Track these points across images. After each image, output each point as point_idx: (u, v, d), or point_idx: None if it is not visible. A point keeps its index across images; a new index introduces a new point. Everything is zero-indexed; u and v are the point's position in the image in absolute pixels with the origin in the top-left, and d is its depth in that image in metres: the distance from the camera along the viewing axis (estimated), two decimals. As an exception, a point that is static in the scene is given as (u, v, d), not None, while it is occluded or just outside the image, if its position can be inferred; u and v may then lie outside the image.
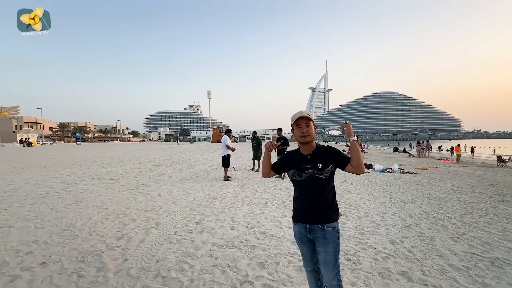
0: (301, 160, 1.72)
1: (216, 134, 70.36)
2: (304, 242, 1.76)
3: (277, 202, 5.45)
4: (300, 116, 1.70)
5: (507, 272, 2.67)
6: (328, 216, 1.68)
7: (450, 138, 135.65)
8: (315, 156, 1.70)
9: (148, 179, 8.17)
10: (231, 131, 8.73)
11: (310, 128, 1.70)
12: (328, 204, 1.69)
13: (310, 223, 1.69)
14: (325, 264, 1.67)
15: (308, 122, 1.70)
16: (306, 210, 1.71)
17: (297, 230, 1.77)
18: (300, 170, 1.70)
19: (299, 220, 1.75)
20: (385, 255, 3.01)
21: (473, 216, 4.68)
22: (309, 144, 1.73)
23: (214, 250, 3.07)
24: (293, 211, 1.83)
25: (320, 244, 1.67)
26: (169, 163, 13.17)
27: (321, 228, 1.67)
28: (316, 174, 1.66)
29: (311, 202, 1.69)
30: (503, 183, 8.65)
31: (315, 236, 1.69)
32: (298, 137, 1.72)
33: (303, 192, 1.71)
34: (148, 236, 3.48)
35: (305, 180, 1.69)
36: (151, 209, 4.75)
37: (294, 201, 1.82)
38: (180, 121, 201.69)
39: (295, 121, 1.72)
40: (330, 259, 1.65)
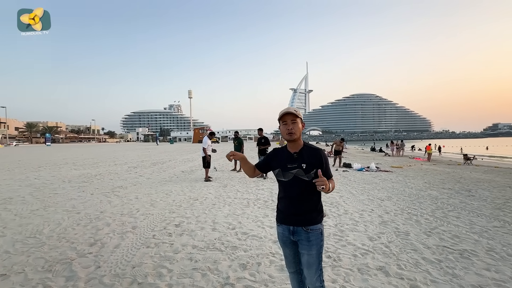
0: (287, 158, 1.67)
1: (197, 134, 69.26)
2: (287, 244, 1.72)
3: (259, 202, 5.43)
4: (287, 112, 1.64)
5: (474, 262, 2.84)
6: (312, 217, 1.64)
7: (422, 138, 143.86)
8: (301, 155, 1.65)
9: (125, 181, 7.82)
10: (214, 134, 8.61)
11: (296, 125, 1.64)
12: (312, 206, 1.65)
13: (294, 225, 1.65)
14: (308, 267, 1.64)
15: (294, 119, 1.64)
16: (290, 212, 1.66)
17: (280, 232, 1.73)
18: (285, 170, 1.65)
19: (283, 221, 1.71)
20: (364, 251, 3.09)
21: (443, 211, 4.95)
22: (295, 142, 1.67)
23: (194, 253, 2.98)
24: (276, 211, 1.78)
25: (304, 246, 1.64)
26: (147, 164, 12.73)
27: (305, 230, 1.63)
28: (300, 175, 1.61)
29: (295, 204, 1.65)
30: (469, 179, 9.29)
31: (299, 238, 1.65)
32: (284, 134, 1.66)
33: (287, 193, 1.67)
34: (124, 240, 3.31)
35: (290, 181, 1.64)
36: (127, 213, 4.53)
37: (278, 202, 1.77)
38: (159, 121, 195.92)
39: (281, 117, 1.66)
40: (313, 261, 1.63)
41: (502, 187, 7.76)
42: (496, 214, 4.75)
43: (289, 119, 1.65)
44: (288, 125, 1.64)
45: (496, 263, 2.83)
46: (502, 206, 5.41)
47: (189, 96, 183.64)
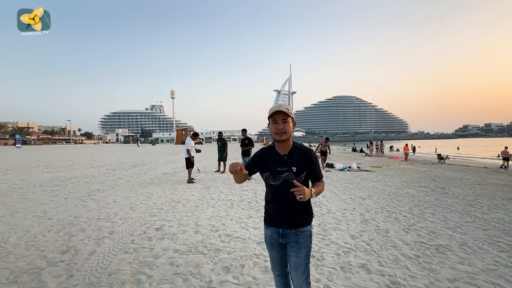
0: (277, 161, 1.58)
1: (180, 135, 67.92)
2: (274, 247, 1.67)
3: (243, 203, 5.38)
4: (277, 110, 1.53)
5: (449, 257, 2.97)
6: (302, 220, 1.60)
7: (399, 139, 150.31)
8: (291, 157, 1.57)
9: (103, 184, 7.47)
10: (198, 135, 8.42)
11: (287, 125, 1.54)
12: (302, 209, 1.60)
13: (284, 227, 1.60)
14: (296, 269, 1.60)
15: (285, 118, 1.54)
16: (279, 215, 1.60)
17: (268, 234, 1.67)
18: (275, 173, 1.57)
19: (272, 223, 1.64)
20: (346, 250, 3.13)
21: (420, 208, 5.16)
22: (285, 142, 1.58)
23: (176, 257, 2.87)
24: (265, 213, 1.72)
25: (292, 249, 1.59)
26: (127, 166, 12.26)
27: (295, 232, 1.58)
28: (290, 179, 1.54)
29: (284, 207, 1.59)
30: (443, 177, 9.79)
31: (288, 240, 1.61)
32: (273, 133, 1.57)
33: (276, 197, 1.60)
34: (100, 247, 3.13)
35: (279, 185, 1.56)
36: (104, 217, 4.31)
37: (266, 204, 1.70)
38: (140, 122, 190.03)
39: (271, 115, 1.55)
40: (301, 263, 1.59)
41: (472, 184, 8.25)
42: (467, 210, 5.02)
43: (280, 118, 1.55)
44: (279, 125, 1.54)
45: (468, 257, 2.98)
46: (473, 202, 5.73)
47: (172, 97, 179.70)
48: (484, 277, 2.53)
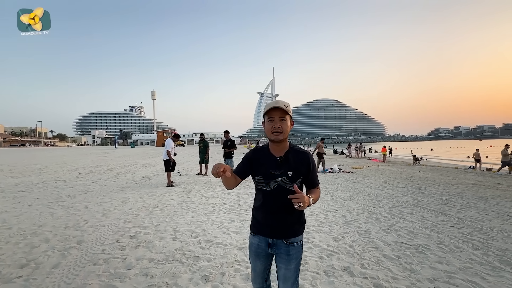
0: (271, 164, 1.42)
1: (161, 137, 65.98)
2: (260, 257, 1.52)
3: (225, 207, 5.22)
4: (275, 106, 1.36)
5: (428, 256, 3.01)
6: (294, 229, 1.46)
7: (377, 141, 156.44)
8: (287, 160, 1.42)
9: (74, 189, 6.97)
10: (179, 137, 8.13)
11: (284, 124, 1.38)
12: (295, 217, 1.46)
13: (274, 237, 1.46)
14: (285, 281, 1.47)
15: (283, 116, 1.38)
16: (270, 223, 1.46)
17: (255, 243, 1.51)
18: (268, 178, 1.42)
19: (260, 232, 1.49)
20: (329, 252, 3.09)
21: (399, 208, 5.29)
22: (281, 143, 1.42)
23: (151, 267, 2.67)
24: (252, 220, 1.56)
25: (282, 260, 1.46)
26: (102, 170, 11.62)
27: (286, 243, 1.45)
28: (285, 184, 1.39)
29: (276, 216, 1.44)
30: (419, 178, 10.20)
31: (277, 251, 1.47)
32: (268, 133, 1.40)
33: (268, 204, 1.45)
34: (65, 259, 2.85)
35: (272, 190, 1.42)
36: (73, 225, 3.97)
37: (255, 210, 1.54)
38: (119, 123, 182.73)
39: (268, 112, 1.39)
40: (291, 275, 1.46)
41: (445, 184, 8.65)
42: (442, 210, 5.21)
43: (277, 116, 1.38)
44: (275, 123, 1.38)
45: (446, 256, 3.04)
46: (447, 201, 5.98)
47: (152, 98, 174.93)
48: (462, 276, 2.57)
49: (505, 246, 3.35)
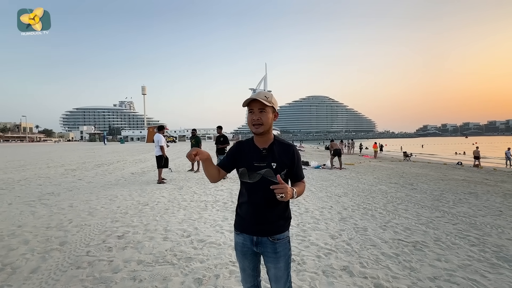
0: (255, 155, 1.39)
1: (151, 133, 64.77)
2: (247, 256, 1.46)
3: (218, 204, 5.07)
4: (253, 98, 1.33)
5: (426, 254, 2.96)
6: (279, 225, 1.42)
7: (368, 138, 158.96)
8: (271, 151, 1.39)
9: (58, 187, 6.65)
10: (164, 128, 7.81)
11: (264, 116, 1.35)
12: (280, 213, 1.42)
13: (258, 235, 1.40)
14: (277, 281, 1.42)
15: (263, 108, 1.35)
16: (254, 220, 1.40)
17: (240, 242, 1.46)
18: (251, 169, 1.38)
19: (245, 230, 1.44)
20: (327, 251, 2.99)
21: (393, 204, 5.26)
22: (264, 135, 1.40)
23: (139, 270, 2.50)
24: (236, 218, 1.50)
25: (270, 259, 1.41)
26: (90, 166, 11.23)
27: (271, 240, 1.40)
28: (269, 176, 1.36)
29: (261, 211, 1.39)
30: (410, 174, 10.31)
31: (264, 250, 1.42)
32: (249, 125, 1.39)
33: (252, 198, 1.41)
34: (46, 262, 2.64)
35: (256, 183, 1.38)
36: (56, 225, 3.74)
37: (239, 207, 1.49)
38: (108, 118, 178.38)
39: (248, 104, 1.36)
40: (282, 274, 1.41)
41: (436, 180, 8.76)
42: (436, 205, 5.22)
43: (256, 108, 1.35)
44: (255, 115, 1.35)
45: (444, 253, 2.99)
46: (439, 197, 6.01)
47: (143, 93, 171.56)
48: (462, 274, 2.52)
49: (500, 242, 3.34)
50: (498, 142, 57.45)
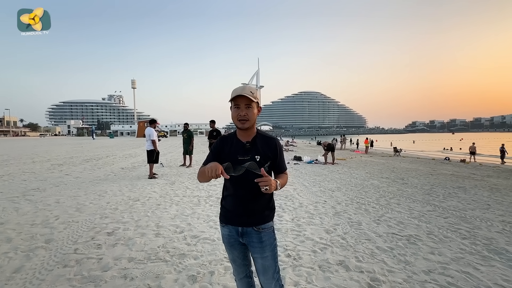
0: (238, 149, 1.41)
1: (142, 128, 63.59)
2: (235, 247, 1.48)
3: (211, 199, 4.99)
4: (240, 94, 1.34)
5: (420, 247, 2.98)
6: (264, 216, 1.45)
7: (358, 133, 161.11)
8: (255, 145, 1.42)
9: (44, 182, 6.41)
10: (156, 122, 7.60)
11: (250, 111, 1.37)
12: (265, 203, 1.45)
13: (243, 225, 1.43)
14: (265, 272, 1.43)
15: (249, 103, 1.36)
16: (239, 211, 1.43)
17: (226, 234, 1.48)
18: (236, 163, 1.40)
19: (229, 221, 1.46)
20: (323, 246, 2.97)
21: (385, 198, 5.31)
22: (248, 130, 1.42)
23: (131, 268, 2.41)
24: (221, 210, 1.53)
25: (256, 249, 1.43)
26: (78, 161, 10.90)
27: (256, 230, 1.42)
28: (253, 168, 1.38)
29: (245, 202, 1.42)
30: (400, 169, 10.48)
31: (249, 240, 1.44)
32: (235, 120, 1.39)
33: (236, 190, 1.42)
34: (30, 261, 2.51)
35: (240, 176, 1.39)
36: (41, 222, 3.58)
37: (224, 199, 1.51)
38: (97, 112, 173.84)
39: (233, 99, 1.37)
40: (269, 264, 1.43)
41: (426, 175, 8.93)
42: (427, 199, 5.30)
43: (243, 103, 1.36)
44: (241, 110, 1.36)
45: (437, 246, 3.02)
46: (430, 191, 6.12)
47: (133, 86, 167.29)
48: (455, 267, 2.55)
49: (490, 235, 3.41)
50: (486, 138, 59.04)
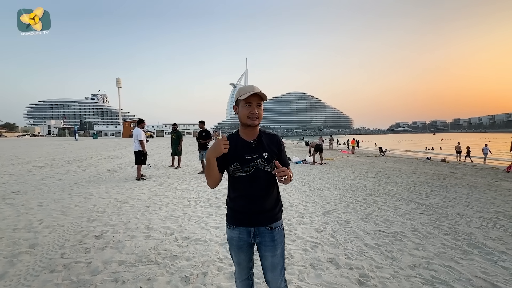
0: (245, 148, 1.40)
1: (127, 128, 62.06)
2: (243, 249, 1.46)
3: (202, 200, 4.97)
4: (254, 92, 1.33)
5: (406, 244, 3.11)
6: (275, 214, 1.45)
7: (345, 134, 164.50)
8: (260, 142, 1.42)
9: (25, 185, 6.14)
10: (144, 122, 7.46)
11: (261, 109, 1.40)
12: (275, 201, 1.46)
13: (256, 225, 1.42)
14: (273, 269, 1.44)
15: (260, 102, 1.40)
16: (252, 211, 1.41)
17: (235, 236, 1.44)
18: (244, 163, 1.38)
19: (241, 223, 1.43)
20: (313, 244, 3.04)
21: (372, 197, 5.48)
22: (254, 128, 1.43)
23: (121, 271, 2.37)
24: (229, 213, 1.48)
25: (268, 248, 1.42)
26: (60, 163, 10.50)
27: (269, 229, 1.42)
28: (262, 166, 1.39)
29: (257, 201, 1.40)
30: (385, 168, 10.82)
31: (262, 240, 1.43)
32: (244, 118, 1.38)
33: (247, 190, 1.40)
34: (14, 267, 2.42)
35: (250, 175, 1.38)
36: (24, 226, 3.44)
37: (231, 201, 1.46)
38: (79, 112, 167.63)
39: (247, 98, 1.34)
40: (278, 261, 1.44)
41: (409, 174, 9.27)
42: (411, 198, 5.52)
43: (255, 102, 1.37)
44: (253, 108, 1.37)
45: (421, 242, 3.16)
46: (413, 190, 6.36)
47: (118, 85, 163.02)
48: (438, 261, 2.68)
49: (469, 230, 3.60)
50: (466, 139, 61.34)
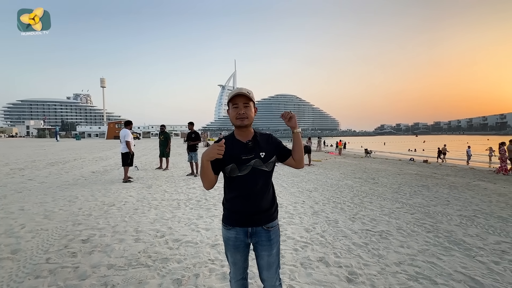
0: (241, 149, 1.42)
1: (112, 129, 60.46)
2: (240, 249, 1.48)
3: (191, 202, 4.93)
4: (238, 93, 1.39)
5: (391, 242, 3.23)
6: (271, 213, 1.48)
7: (332, 136, 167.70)
8: (256, 142, 1.45)
9: (4, 188, 5.86)
10: (132, 123, 7.31)
11: (249, 110, 1.42)
12: (271, 200, 1.49)
13: (253, 225, 1.44)
14: (269, 268, 1.48)
15: (247, 102, 1.42)
16: (249, 211, 1.43)
17: (232, 236, 1.46)
18: (241, 163, 1.40)
19: (238, 223, 1.45)
20: (303, 244, 3.10)
21: (359, 197, 5.64)
22: (247, 129, 1.46)
23: (111, 275, 2.33)
24: (225, 213, 1.50)
25: (264, 247, 1.45)
26: (41, 165, 10.09)
27: (266, 229, 1.45)
28: (259, 166, 1.42)
29: (254, 201, 1.42)
30: (371, 169, 11.13)
31: (258, 240, 1.45)
32: (233, 119, 1.43)
33: (244, 190, 1.42)
34: (-4, 273, 2.32)
35: (247, 174, 1.40)
36: (4, 231, 3.29)
37: (227, 202, 1.48)
38: (61, 112, 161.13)
39: (232, 99, 1.42)
40: (274, 260, 1.48)
41: (394, 174, 9.58)
42: (395, 197, 5.72)
43: (241, 102, 1.41)
44: (240, 109, 1.41)
45: (406, 240, 3.30)
46: (398, 190, 6.59)
47: (102, 85, 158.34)
48: (422, 258, 2.81)
49: (450, 228, 3.79)
50: (449, 141, 63.57)
